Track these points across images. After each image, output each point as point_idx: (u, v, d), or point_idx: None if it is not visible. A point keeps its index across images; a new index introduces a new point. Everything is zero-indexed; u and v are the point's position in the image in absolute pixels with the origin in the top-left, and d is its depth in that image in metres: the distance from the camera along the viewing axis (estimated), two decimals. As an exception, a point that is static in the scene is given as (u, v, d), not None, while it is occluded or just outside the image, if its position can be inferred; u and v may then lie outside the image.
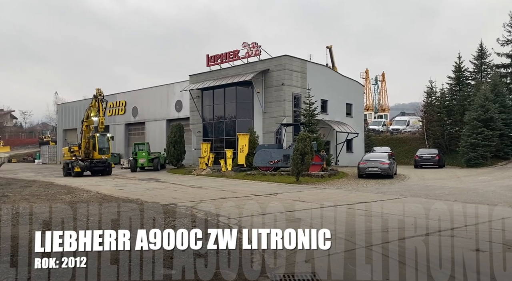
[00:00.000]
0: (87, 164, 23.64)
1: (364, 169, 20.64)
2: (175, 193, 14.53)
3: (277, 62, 27.28)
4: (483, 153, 26.15)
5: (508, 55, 31.81)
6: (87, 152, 24.25)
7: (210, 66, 30.05)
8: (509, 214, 9.60)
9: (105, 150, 24.78)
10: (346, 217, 9.09)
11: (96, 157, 24.19)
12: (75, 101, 50.68)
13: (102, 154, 24.32)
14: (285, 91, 26.84)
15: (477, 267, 5.21)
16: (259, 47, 27.56)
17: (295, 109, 27.56)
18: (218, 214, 9.49)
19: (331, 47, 51.38)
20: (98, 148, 24.25)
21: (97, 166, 24.10)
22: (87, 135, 24.52)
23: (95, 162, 24.05)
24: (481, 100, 26.93)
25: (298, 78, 27.79)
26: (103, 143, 24.82)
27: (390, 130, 44.10)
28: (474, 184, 17.19)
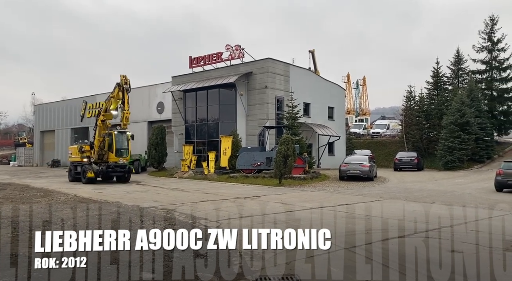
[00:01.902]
0: (103, 168, 19.21)
1: (345, 171, 20.93)
2: (156, 196, 14.34)
3: (260, 65, 27.37)
4: (460, 157, 26.91)
5: (483, 62, 32.92)
6: (101, 153, 19.91)
7: (193, 68, 29.88)
8: (484, 216, 9.90)
9: (124, 152, 20.16)
10: (328, 219, 9.18)
11: (111, 160, 19.74)
12: (53, 102, 49.48)
13: (119, 156, 19.71)
14: (268, 94, 26.95)
15: (452, 267, 5.35)
16: (242, 49, 27.61)
17: (278, 112, 27.69)
18: (198, 217, 9.41)
19: (314, 51, 51.93)
20: (115, 148, 19.64)
21: (115, 171, 19.58)
22: (102, 132, 19.98)
23: (113, 166, 19.44)
24: (457, 105, 27.75)
25: (281, 81, 27.96)
26: (122, 142, 20.25)
27: (370, 133, 44.90)
28: (451, 187, 17.66)
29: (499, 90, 32.24)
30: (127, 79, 18.82)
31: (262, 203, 12.10)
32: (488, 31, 32.62)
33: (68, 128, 44.37)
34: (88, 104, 42.24)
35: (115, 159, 19.66)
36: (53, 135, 45.67)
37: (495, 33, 32.48)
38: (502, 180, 15.61)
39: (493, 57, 32.49)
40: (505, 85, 32.20)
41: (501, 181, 15.63)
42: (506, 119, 32.10)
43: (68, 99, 47.76)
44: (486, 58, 32.77)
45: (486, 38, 32.67)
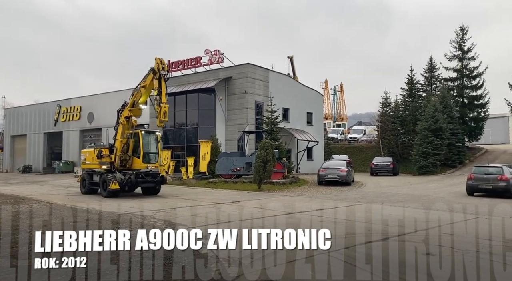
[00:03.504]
0: (131, 177, 14.96)
1: (323, 176, 21.16)
2: (132, 202, 14.03)
3: (240, 70, 27.43)
4: (433, 161, 27.73)
5: (455, 70, 34.14)
6: (123, 158, 15.72)
7: (171, 73, 29.57)
8: (457, 219, 10.21)
9: (153, 156, 16.13)
10: (306, 224, 9.23)
11: (136, 166, 15.68)
12: (25, 105, 47.79)
13: (147, 162, 15.68)
14: (248, 99, 27.01)
15: (427, 270, 5.47)
16: (221, 54, 27.61)
17: (258, 117, 27.77)
18: (176, 223, 9.27)
19: (292, 57, 52.48)
20: (143, 152, 15.57)
21: (145, 181, 15.45)
22: (126, 132, 15.68)
23: (142, 174, 15.30)
24: (431, 111, 28.64)
25: (260, 87, 28.09)
26: (150, 145, 16.24)
27: (348, 138, 45.65)
28: (425, 191, 18.14)
29: (470, 97, 33.51)
30: (164, 63, 14.89)
31: (241, 209, 12.05)
32: (459, 41, 33.93)
33: (40, 133, 42.95)
34: (62, 108, 41.18)
35: (142, 166, 15.52)
36: (25, 140, 44.05)
37: (466, 42, 33.84)
38: (473, 184, 16.17)
39: (464, 65, 33.77)
40: (475, 92, 33.49)
41: (472, 185, 16.19)
42: (476, 125, 33.37)
43: (41, 102, 46.30)
44: (457, 66, 34.03)
45: (457, 47, 33.96)
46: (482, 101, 33.04)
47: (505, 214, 11.20)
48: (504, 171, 15.77)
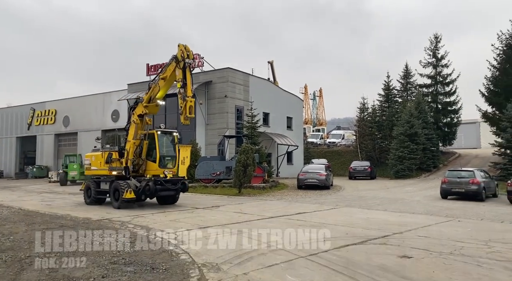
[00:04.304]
0: (150, 185, 12.74)
1: (303, 180, 21.34)
2: (110, 208, 13.71)
3: (220, 74, 27.38)
4: (409, 166, 28.44)
5: (429, 76, 35.23)
6: (136, 163, 13.66)
7: (150, 76, 29.23)
8: (431, 222, 10.50)
9: (170, 160, 13.85)
10: (286, 228, 9.26)
11: (151, 172, 13.47)
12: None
13: (163, 167, 13.42)
14: (228, 103, 26.97)
15: (403, 273, 5.59)
16: (202, 58, 27.49)
17: (238, 121, 27.76)
18: (154, 229, 9.12)
19: (273, 62, 52.89)
20: (159, 156, 13.35)
21: (165, 189, 13.26)
22: (140, 132, 13.67)
23: (162, 181, 13.08)
24: (407, 117, 29.41)
25: (241, 91, 28.12)
26: (167, 147, 14.09)
27: (327, 143, 46.27)
28: (401, 195, 18.56)
29: (443, 103, 34.61)
30: (189, 50, 12.69)
31: (221, 213, 11.98)
32: (433, 48, 35.07)
33: (13, 137, 41.50)
34: (37, 111, 39.95)
35: (158, 171, 13.29)
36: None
37: (439, 50, 35.00)
38: (446, 188, 16.67)
39: (438, 72, 34.90)
40: (448, 98, 34.65)
41: (446, 189, 16.69)
42: (450, 131, 34.48)
43: (14, 105, 44.71)
44: (431, 73, 35.13)
45: (431, 54, 35.08)
46: (455, 107, 34.21)
47: (477, 217, 11.60)
48: (476, 175, 16.34)
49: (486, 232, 8.94)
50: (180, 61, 12.63)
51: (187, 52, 12.65)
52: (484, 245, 7.42)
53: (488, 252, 6.87)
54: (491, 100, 28.11)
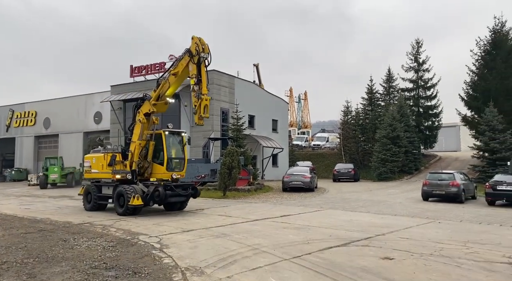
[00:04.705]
0: (160, 191, 11.75)
1: (288, 183, 21.45)
2: (90, 212, 13.47)
3: (205, 76, 27.25)
4: (392, 168, 28.92)
5: (411, 80, 35.95)
6: (142, 165, 12.76)
7: (134, 77, 28.93)
8: (413, 224, 10.69)
9: (178, 163, 12.90)
10: (270, 231, 9.29)
11: (157, 176, 12.53)
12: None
13: (171, 171, 12.46)
14: (214, 105, 26.85)
15: (384, 274, 5.67)
16: (186, 60, 27.32)
17: (223, 124, 27.69)
18: (137, 232, 9.00)
19: (258, 64, 52.99)
20: (167, 158, 12.34)
21: (177, 195, 12.32)
22: (146, 133, 12.77)
23: (172, 185, 12.15)
24: (389, 120, 29.93)
25: (226, 93, 28.07)
26: (175, 148, 13.04)
27: (311, 145, 46.62)
28: (384, 197, 18.85)
29: (425, 107, 35.36)
30: (204, 43, 11.66)
31: (206, 216, 11.92)
32: (415, 53, 35.81)
33: (-10, 138, 40.28)
34: (16, 112, 38.95)
35: (165, 175, 12.34)
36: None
37: (421, 54, 35.75)
38: (428, 190, 17.02)
39: (419, 76, 35.64)
40: (429, 102, 35.40)
41: (427, 191, 17.04)
42: (431, 134, 35.23)
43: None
44: (413, 77, 35.86)
45: (413, 59, 35.82)
46: (436, 110, 34.98)
47: (456, 218, 11.88)
48: (456, 177, 16.74)
49: (465, 233, 9.17)
50: (195, 55, 11.59)
51: (202, 45, 11.60)
52: (463, 246, 7.60)
53: (467, 253, 7.03)
54: (470, 104, 28.87)
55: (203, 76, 11.55)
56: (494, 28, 28.28)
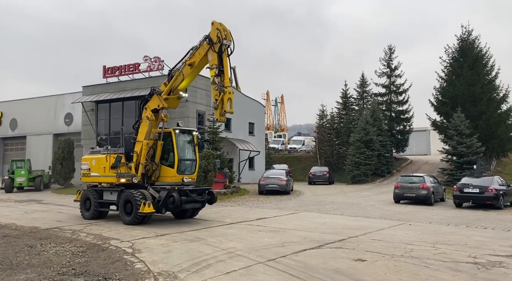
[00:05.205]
0: (175, 196, 10.41)
1: (264, 186, 21.51)
2: (60, 215, 13.02)
3: (181, 78, 26.98)
4: (365, 171, 29.54)
5: (384, 86, 36.93)
6: (149, 168, 11.55)
7: (107, 78, 28.22)
8: (385, 226, 10.95)
9: (189, 166, 11.68)
10: (246, 234, 9.26)
11: (167, 179, 11.33)
12: None
13: (182, 174, 11.25)
14: (189, 107, 26.60)
15: (357, 276, 5.77)
16: (162, 61, 26.93)
17: (199, 126, 27.43)
18: (109, 237, 8.77)
19: (235, 67, 52.93)
20: (177, 159, 11.16)
21: (192, 201, 10.93)
22: (153, 131, 11.61)
23: (187, 190, 10.78)
24: (363, 124, 30.60)
25: (202, 96, 27.87)
26: (186, 149, 11.94)
27: (288, 148, 46.98)
28: (357, 199, 19.21)
29: (397, 112, 36.39)
30: (226, 29, 10.40)
31: (180, 220, 11.75)
32: (387, 59, 36.83)
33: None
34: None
35: (175, 178, 11.13)
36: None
37: (393, 60, 36.79)
38: (399, 193, 17.49)
39: (392, 82, 36.66)
40: (401, 107, 36.45)
41: (399, 194, 17.50)
42: (402, 138, 36.26)
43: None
44: (386, 82, 36.85)
45: (386, 64, 36.82)
46: (407, 115, 36.05)
47: (426, 220, 12.26)
48: (426, 180, 17.29)
49: (433, 235, 9.47)
50: (215, 43, 10.21)
51: (224, 32, 10.27)
52: (432, 247, 7.85)
53: (435, 253, 7.27)
54: (439, 110, 29.92)
55: (225, 66, 10.29)
56: (462, 36, 29.49)
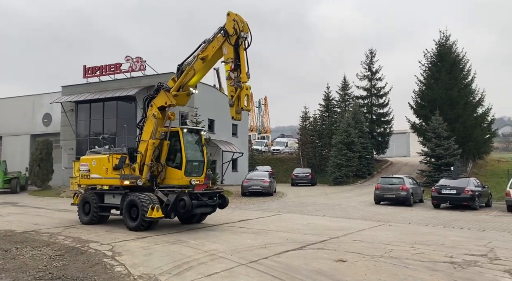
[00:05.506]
0: (186, 200, 9.69)
1: (247, 187, 21.52)
2: (38, 218, 12.68)
3: (164, 78, 26.47)
4: (347, 173, 29.94)
5: (365, 89, 37.55)
6: (154, 169, 10.96)
7: (87, 78, 27.66)
8: (365, 227, 11.11)
9: (197, 167, 11.19)
10: (228, 236, 9.24)
11: (174, 181, 10.66)
12: None
13: (189, 176, 10.66)
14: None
15: (337, 276, 5.83)
16: (144, 62, 26.63)
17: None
18: (88, 240, 8.58)
19: (218, 69, 52.80)
20: (185, 160, 10.57)
21: (204, 205, 10.43)
22: (160, 130, 10.94)
23: (198, 193, 10.22)
24: (344, 126, 31.03)
25: (185, 97, 27.67)
26: (194, 149, 11.40)
27: (271, 150, 47.13)
28: (339, 200, 19.44)
29: (377, 114, 37.05)
30: (243, 21, 9.62)
31: (161, 222, 11.60)
32: (368, 62, 37.47)
33: None
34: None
35: (182, 181, 10.52)
36: None
37: (374, 64, 37.46)
38: (379, 194, 17.79)
39: (373, 85, 37.30)
40: (382, 110, 37.14)
41: (379, 195, 17.81)
42: (383, 140, 36.95)
43: None
44: (367, 85, 37.47)
45: (367, 68, 37.45)
46: (388, 118, 36.75)
47: (405, 221, 12.52)
48: (405, 182, 17.65)
49: (412, 235, 9.67)
50: (232, 35, 9.48)
51: (241, 23, 9.52)
52: (410, 247, 8.02)
53: (414, 253, 7.42)
54: (418, 112, 30.63)
55: (242, 60, 9.50)
56: (440, 41, 30.30)
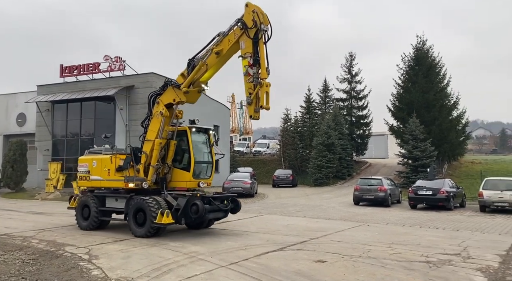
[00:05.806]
0: (199, 205, 9.09)
1: (228, 189, 21.40)
2: (10, 221, 12.25)
3: (143, 79, 26.31)
4: (327, 174, 30.30)
5: (345, 91, 38.11)
6: (161, 171, 10.23)
7: (64, 77, 26.96)
8: (345, 227, 11.26)
9: (205, 169, 10.47)
10: (208, 238, 9.18)
11: (181, 184, 10.06)
12: None
13: (197, 178, 10.05)
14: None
15: (317, 277, 5.89)
16: (123, 61, 26.18)
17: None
18: (63, 243, 8.36)
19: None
20: (194, 161, 9.90)
21: (217, 210, 9.86)
22: (167, 129, 10.29)
23: (210, 198, 9.70)
24: (325, 128, 31.40)
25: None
26: (202, 150, 10.66)
27: (253, 151, 47.16)
28: (319, 201, 19.64)
29: (357, 117, 37.66)
30: (263, 13, 8.79)
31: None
32: (348, 65, 38.05)
33: None
34: None
35: (190, 183, 9.95)
36: None
37: (354, 67, 38.05)
38: (358, 195, 18.08)
39: (352, 87, 37.91)
40: (361, 112, 37.78)
41: (358, 196, 18.09)
42: (362, 142, 37.59)
43: None
44: (347, 88, 38.04)
45: (347, 71, 38.05)
46: (367, 120, 37.40)
47: (383, 221, 12.76)
48: (383, 183, 18.00)
49: (390, 235, 9.87)
50: (251, 28, 8.67)
51: (261, 14, 8.70)
52: (388, 248, 8.18)
53: (391, 253, 7.58)
54: (396, 115, 31.31)
55: (261, 55, 8.70)
56: (417, 45, 31.08)
